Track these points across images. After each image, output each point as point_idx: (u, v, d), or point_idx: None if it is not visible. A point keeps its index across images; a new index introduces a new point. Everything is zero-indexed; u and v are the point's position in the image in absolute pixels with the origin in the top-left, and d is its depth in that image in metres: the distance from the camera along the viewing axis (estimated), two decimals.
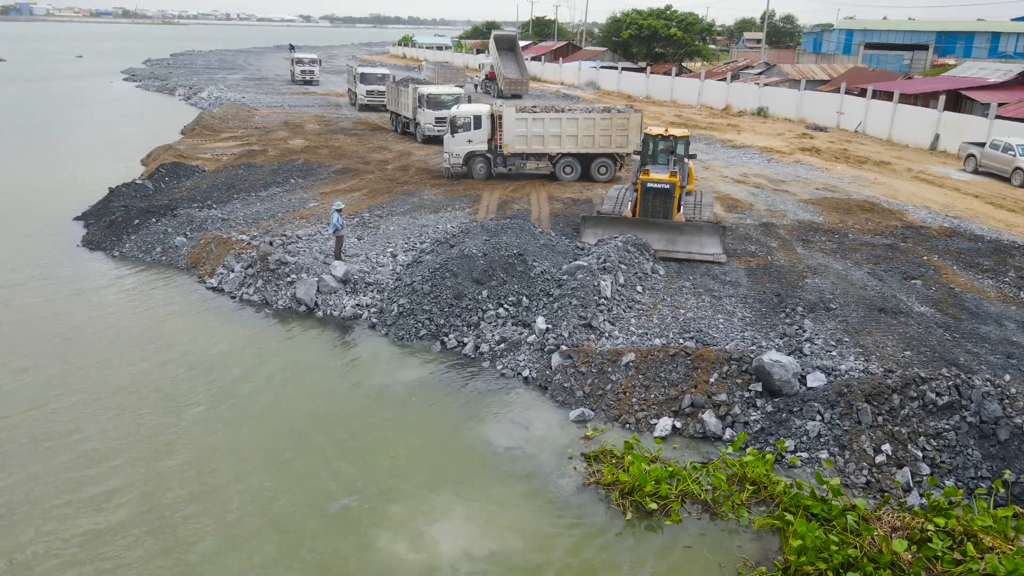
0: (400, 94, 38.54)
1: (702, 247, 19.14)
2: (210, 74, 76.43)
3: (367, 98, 48.51)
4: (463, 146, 28.26)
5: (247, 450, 11.79)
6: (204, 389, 13.67)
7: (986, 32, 71.58)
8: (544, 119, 27.53)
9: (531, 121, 27.52)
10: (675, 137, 21.80)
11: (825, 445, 11.47)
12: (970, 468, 10.89)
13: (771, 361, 12.58)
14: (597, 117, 27.74)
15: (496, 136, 28.15)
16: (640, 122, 27.64)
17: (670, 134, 21.79)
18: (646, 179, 20.03)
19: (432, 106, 35.35)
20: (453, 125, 28.05)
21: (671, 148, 21.73)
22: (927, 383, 11.74)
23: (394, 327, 15.90)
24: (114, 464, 11.33)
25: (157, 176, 28.22)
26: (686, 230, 19.33)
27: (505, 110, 27.92)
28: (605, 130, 27.58)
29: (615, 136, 27.67)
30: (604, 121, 27.63)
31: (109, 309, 17.15)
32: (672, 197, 19.81)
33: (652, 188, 19.83)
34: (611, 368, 13.45)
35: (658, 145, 21.98)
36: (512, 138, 27.71)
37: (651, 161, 21.69)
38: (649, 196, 19.90)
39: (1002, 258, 20.09)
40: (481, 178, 28.51)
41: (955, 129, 36.64)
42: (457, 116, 28.15)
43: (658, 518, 9.97)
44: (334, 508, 10.38)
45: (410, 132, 38.19)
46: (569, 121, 27.56)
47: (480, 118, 28.00)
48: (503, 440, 12.07)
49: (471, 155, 28.40)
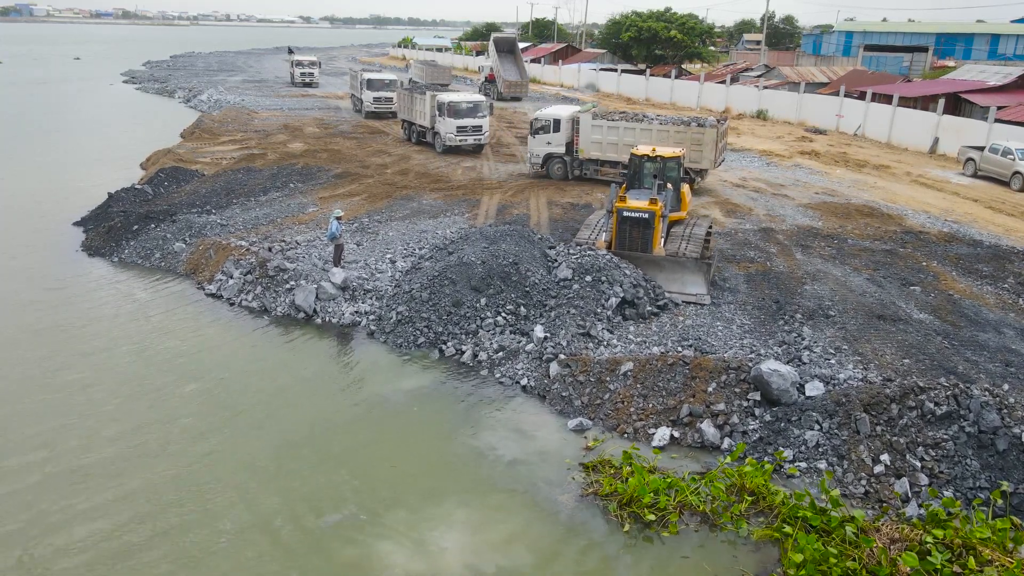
0: (415, 101, 36.73)
1: (683, 285, 17.11)
2: (210, 76, 76.45)
3: (374, 105, 46.10)
4: (542, 147, 29.33)
5: (243, 460, 11.78)
6: (200, 398, 13.67)
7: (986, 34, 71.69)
8: (619, 127, 27.60)
9: (606, 128, 27.74)
10: (663, 158, 19.68)
11: (823, 455, 11.47)
12: (968, 478, 10.88)
13: (769, 370, 12.58)
14: (671, 128, 26.83)
15: (575, 140, 28.76)
16: (715, 137, 26.38)
17: (657, 154, 19.71)
18: (622, 207, 17.80)
19: (453, 114, 33.81)
20: (533, 127, 29.28)
21: (659, 170, 19.61)
22: (925, 392, 11.74)
23: (392, 335, 15.90)
24: (103, 476, 11.29)
25: (156, 181, 28.23)
26: (666, 265, 17.28)
27: (582, 115, 28.53)
28: (679, 143, 25.96)
29: (689, 150, 25.84)
30: (678, 134, 26.59)
31: (107, 314, 17.15)
32: (652, 228, 17.56)
33: (629, 217, 17.66)
34: (609, 377, 13.44)
35: (644, 167, 19.90)
36: (587, 143, 28.15)
37: (637, 185, 19.73)
38: (625, 226, 17.72)
39: (1001, 264, 20.09)
40: (558, 179, 29.26)
41: (954, 132, 36.66)
42: (538, 118, 29.40)
43: (656, 529, 9.96)
44: (334, 519, 10.37)
45: (426, 142, 36.58)
46: (643, 131, 27.14)
47: (559, 121, 28.89)
48: (502, 450, 12.06)
49: (549, 156, 29.11)
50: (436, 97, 34.59)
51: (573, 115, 29.10)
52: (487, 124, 34.99)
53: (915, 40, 73.01)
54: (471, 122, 34.15)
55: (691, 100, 56.83)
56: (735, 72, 64.46)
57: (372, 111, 46.37)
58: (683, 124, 27.35)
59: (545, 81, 77.64)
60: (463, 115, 33.97)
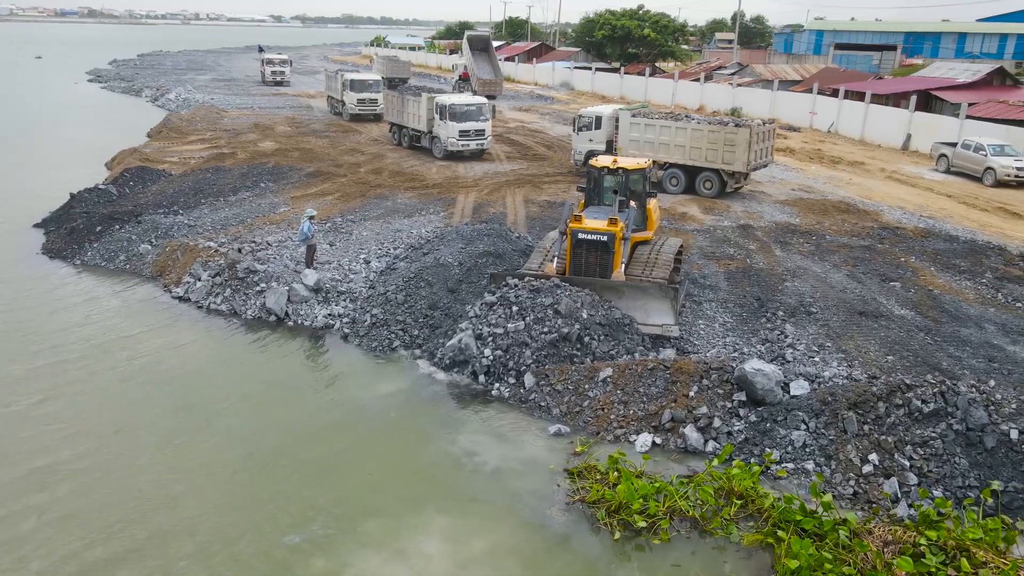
0: (407, 104, 34.45)
1: (647, 315, 14.61)
2: (178, 75, 74.96)
3: (358, 107, 43.97)
4: (584, 144, 29.76)
5: (209, 471, 11.24)
6: (164, 405, 13.07)
7: (952, 33, 72.65)
8: (656, 125, 27.14)
9: (644, 126, 27.38)
10: (626, 170, 16.64)
11: (811, 455, 11.24)
12: (958, 477, 10.71)
13: (753, 370, 12.33)
14: (705, 128, 26.11)
15: (615, 138, 28.64)
16: (748, 138, 25.23)
17: (619, 167, 16.68)
18: (577, 227, 15.26)
19: (455, 118, 31.94)
20: (577, 124, 29.99)
21: (621, 185, 16.69)
22: (912, 390, 11.57)
23: (367, 338, 15.42)
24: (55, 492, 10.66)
25: (121, 181, 27.37)
26: (626, 292, 14.76)
27: (621, 113, 28.37)
28: (713, 143, 25.72)
29: (722, 151, 25.65)
30: (713, 134, 25.83)
31: (67, 320, 16.43)
32: (611, 252, 15.16)
33: (584, 240, 15.21)
34: (588, 384, 13.05)
35: (603, 181, 17.04)
36: (626, 142, 27.79)
37: (596, 201, 17.06)
38: (581, 250, 15.29)
39: (978, 259, 20.13)
40: None
41: (926, 129, 36.97)
42: (582, 115, 30.01)
43: (647, 536, 9.62)
44: (307, 530, 9.89)
45: (420, 146, 34.51)
46: (678, 130, 26.58)
47: (601, 119, 29.34)
48: (484, 456, 11.66)
49: (591, 154, 28.65)
50: (435, 99, 32.67)
51: (615, 112, 29.01)
52: (490, 128, 33.29)
53: (884, 39, 73.82)
54: (474, 126, 32.34)
55: (665, 98, 56.82)
56: (709, 70, 64.64)
57: (356, 113, 44.26)
58: (719, 124, 26.56)
59: (519, 80, 77.34)
60: (465, 118, 32.20)
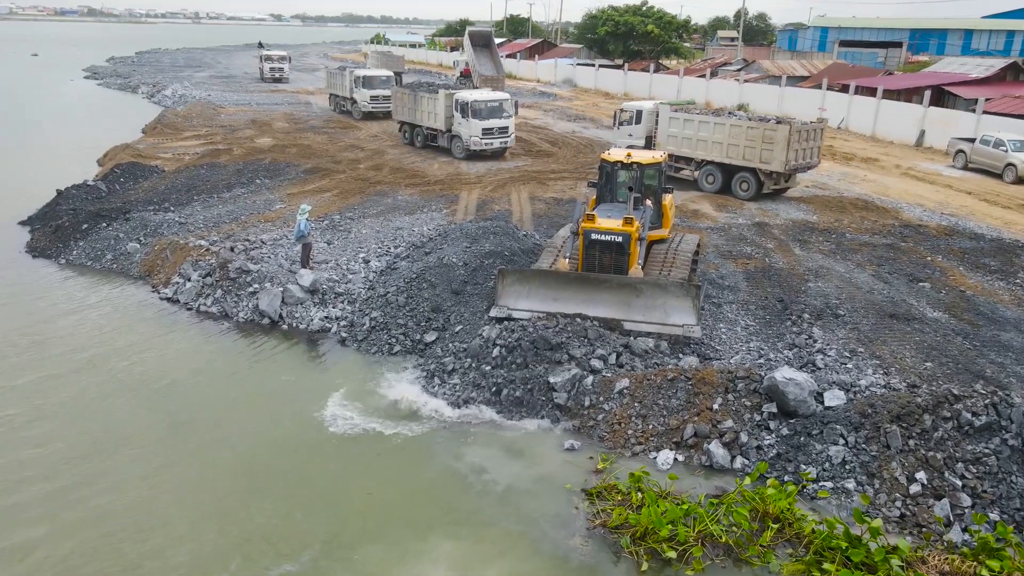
0: (420, 101, 32.47)
1: (667, 315, 13.52)
2: (176, 72, 73.93)
3: (371, 104, 41.64)
4: (624, 139, 29.19)
5: (194, 488, 10.29)
6: (148, 414, 12.13)
7: (959, 29, 71.69)
8: (695, 120, 26.05)
9: (682, 121, 26.34)
10: (640, 165, 15.77)
11: (851, 473, 10.27)
12: (1015, 498, 9.75)
13: (785, 379, 11.36)
14: (744, 125, 24.74)
15: (655, 133, 27.90)
16: (787, 135, 23.56)
17: (633, 161, 15.78)
18: (589, 227, 14.34)
19: (479, 115, 29.96)
20: (618, 119, 29.94)
21: (635, 180, 15.85)
22: (961, 401, 10.60)
23: (366, 342, 14.46)
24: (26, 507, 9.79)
25: (111, 177, 26.41)
26: (645, 290, 13.71)
27: (661, 107, 27.58)
28: (750, 141, 24.36)
29: (760, 149, 24.20)
30: (751, 131, 24.39)
31: (49, 321, 15.48)
32: (626, 253, 14.22)
33: (598, 241, 14.29)
34: (603, 397, 12.10)
35: (617, 176, 16.08)
36: (664, 137, 26.82)
37: (609, 197, 16.19)
38: (594, 251, 14.40)
39: (1008, 258, 19.17)
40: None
41: (940, 125, 35.97)
42: (624, 109, 29.95)
43: (678, 567, 8.64)
44: (300, 558, 8.94)
45: (436, 145, 32.52)
46: (717, 126, 25.39)
47: (641, 113, 29.08)
48: (493, 473, 10.68)
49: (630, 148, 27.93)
50: (455, 96, 30.70)
51: (656, 107, 28.15)
52: (513, 125, 31.40)
53: (889, 36, 72.92)
54: (497, 123, 30.42)
55: (671, 94, 55.77)
56: (715, 66, 63.67)
57: (369, 111, 42.19)
58: (760, 121, 25.23)
59: (521, 76, 76.28)
60: (489, 115, 30.28)
